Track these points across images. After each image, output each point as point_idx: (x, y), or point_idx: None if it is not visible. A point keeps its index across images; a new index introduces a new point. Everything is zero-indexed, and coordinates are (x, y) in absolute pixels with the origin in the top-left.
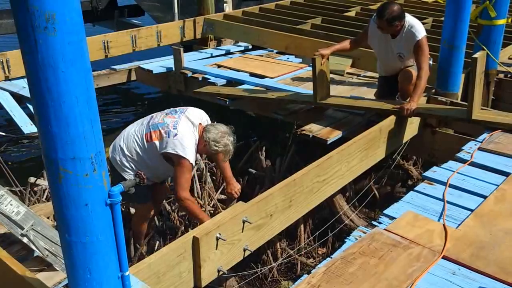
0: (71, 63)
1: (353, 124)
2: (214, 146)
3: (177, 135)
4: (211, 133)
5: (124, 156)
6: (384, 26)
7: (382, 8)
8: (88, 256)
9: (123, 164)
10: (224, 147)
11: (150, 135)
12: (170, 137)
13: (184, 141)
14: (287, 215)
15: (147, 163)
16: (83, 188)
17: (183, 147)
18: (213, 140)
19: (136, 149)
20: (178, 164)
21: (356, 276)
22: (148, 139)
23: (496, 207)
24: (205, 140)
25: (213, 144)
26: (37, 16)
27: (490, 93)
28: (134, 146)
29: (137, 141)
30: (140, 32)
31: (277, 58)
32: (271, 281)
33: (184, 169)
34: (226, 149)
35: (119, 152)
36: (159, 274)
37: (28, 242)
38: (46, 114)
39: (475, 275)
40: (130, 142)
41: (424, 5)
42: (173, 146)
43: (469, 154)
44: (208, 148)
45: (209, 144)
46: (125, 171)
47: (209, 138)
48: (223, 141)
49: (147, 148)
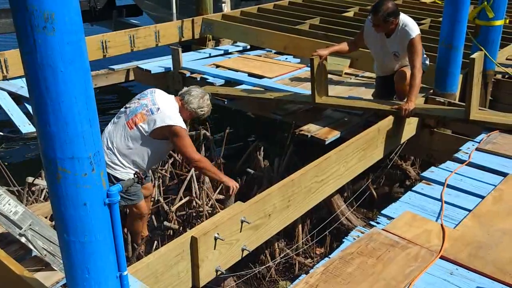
0: (70, 63)
1: (351, 124)
2: (200, 112)
3: (160, 109)
4: (193, 103)
5: (114, 155)
6: (379, 23)
7: (377, 4)
8: (86, 256)
9: (115, 163)
10: (208, 107)
11: (132, 121)
12: (154, 113)
13: (168, 111)
14: (285, 215)
15: (138, 152)
16: (82, 187)
17: (170, 117)
18: (199, 108)
19: (124, 143)
20: (173, 133)
21: (354, 276)
22: (131, 126)
23: (494, 207)
24: (190, 111)
25: (199, 110)
26: (36, 15)
27: (488, 94)
28: (120, 140)
29: (121, 134)
30: (139, 32)
31: (276, 58)
32: (269, 281)
33: (181, 135)
34: (209, 108)
35: (106, 154)
36: (157, 274)
37: (26, 242)
38: (44, 114)
39: (473, 275)
40: (115, 139)
41: (422, 6)
42: (161, 119)
43: (467, 154)
44: (194, 115)
45: (195, 112)
46: (117, 170)
47: (194, 108)
48: (206, 103)
49: (133, 136)
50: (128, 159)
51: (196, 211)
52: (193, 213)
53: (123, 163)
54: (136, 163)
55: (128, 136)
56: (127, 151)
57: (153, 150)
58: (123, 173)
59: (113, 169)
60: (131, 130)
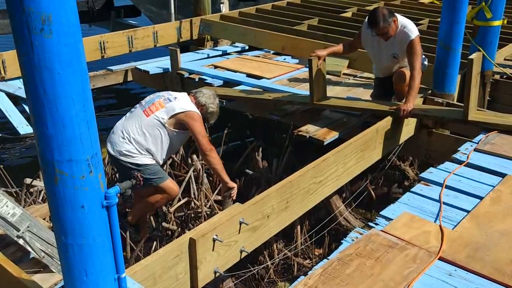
0: (67, 65)
1: (349, 125)
2: (210, 108)
3: (177, 98)
4: (205, 97)
5: (130, 143)
6: (385, 30)
7: (372, 16)
8: (84, 258)
9: (131, 152)
10: (217, 107)
11: (149, 109)
12: (172, 101)
13: (186, 100)
14: (283, 216)
15: (153, 140)
16: (80, 190)
17: (188, 104)
18: (210, 103)
19: (140, 130)
20: (191, 119)
21: (353, 277)
22: (148, 114)
23: (492, 208)
24: (202, 104)
25: (210, 106)
26: (33, 17)
27: (486, 94)
28: (136, 128)
29: (137, 122)
30: (137, 32)
31: (274, 59)
32: (268, 282)
33: (198, 121)
34: (217, 108)
35: (122, 143)
36: (155, 275)
37: (24, 244)
38: (42, 116)
39: (472, 276)
40: (130, 128)
41: (420, 6)
42: (179, 107)
43: (465, 155)
44: (205, 110)
45: (206, 106)
46: (135, 157)
47: (206, 102)
48: (216, 102)
49: (149, 124)
50: (142, 147)
51: (195, 212)
52: (191, 214)
53: (140, 151)
54: (150, 152)
55: (144, 123)
56: (142, 138)
57: (168, 139)
58: (142, 158)
59: (131, 157)
60: (148, 117)
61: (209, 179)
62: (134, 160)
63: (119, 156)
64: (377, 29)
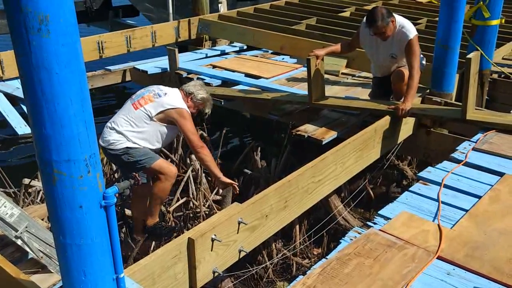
0: (65, 65)
1: (348, 124)
2: (199, 95)
3: (167, 94)
4: (190, 86)
5: (116, 133)
6: (383, 30)
7: (370, 15)
8: (82, 258)
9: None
10: (207, 94)
11: (138, 102)
12: (162, 97)
13: (176, 96)
14: (282, 216)
15: (139, 134)
16: (78, 190)
17: (177, 101)
18: (197, 90)
19: (125, 122)
20: (180, 116)
21: (352, 276)
22: (136, 107)
23: (491, 207)
24: (190, 93)
25: (198, 93)
26: (31, 17)
27: (484, 93)
28: (123, 120)
29: (125, 115)
30: (135, 32)
31: (272, 59)
32: (267, 282)
33: (187, 119)
34: (208, 97)
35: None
36: (154, 275)
37: (22, 244)
38: (40, 116)
39: (470, 275)
40: (117, 119)
41: (418, 6)
42: (168, 103)
43: (464, 154)
44: (194, 99)
45: (193, 94)
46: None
47: (193, 90)
48: (204, 90)
49: (137, 117)
50: (129, 136)
51: (193, 212)
52: (190, 214)
53: (127, 139)
54: (137, 143)
55: (132, 116)
56: (129, 129)
57: (156, 133)
58: (130, 143)
59: (120, 143)
60: (136, 110)
61: (208, 179)
62: (122, 145)
63: (108, 146)
64: (375, 28)
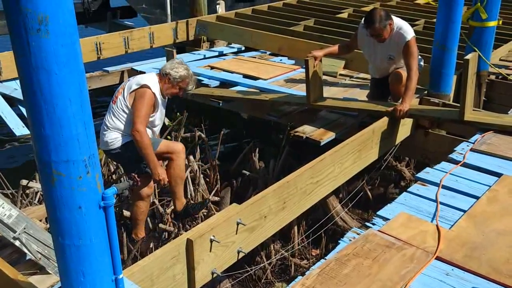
0: (65, 65)
1: (346, 125)
2: (177, 74)
3: (135, 77)
4: (166, 67)
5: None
6: (380, 32)
7: (368, 17)
8: (81, 259)
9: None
10: (186, 70)
11: (115, 97)
12: (130, 80)
13: (144, 78)
14: (281, 216)
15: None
16: (77, 190)
17: (143, 79)
18: (173, 68)
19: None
20: (139, 95)
21: (350, 277)
22: (114, 101)
23: (489, 208)
24: (165, 74)
25: (173, 71)
26: (30, 18)
27: (482, 94)
28: (110, 117)
29: (110, 112)
30: (133, 33)
31: (270, 60)
32: (265, 283)
33: (144, 98)
34: (188, 73)
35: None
36: (152, 276)
37: (20, 245)
38: (39, 117)
39: (469, 276)
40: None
41: (416, 7)
42: (136, 82)
43: (462, 155)
44: (172, 79)
45: (169, 74)
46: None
47: (168, 70)
48: (183, 66)
49: (116, 109)
50: (121, 130)
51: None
52: None
53: (122, 133)
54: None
55: (114, 110)
56: (117, 123)
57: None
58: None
59: (117, 141)
60: (114, 104)
61: (206, 180)
62: (120, 143)
63: (108, 147)
64: (372, 30)
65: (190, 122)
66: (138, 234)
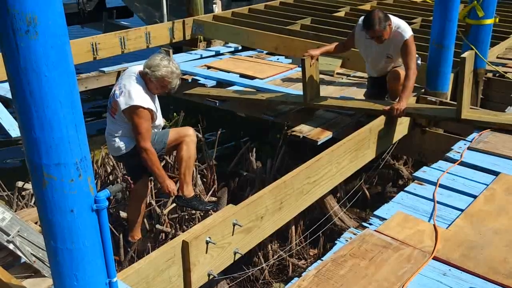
0: (54, 67)
1: (343, 124)
2: (158, 73)
3: (123, 92)
4: (147, 64)
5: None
6: (380, 34)
7: (367, 20)
8: (74, 263)
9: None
10: (167, 67)
11: (111, 111)
12: (118, 98)
13: (131, 92)
14: (277, 217)
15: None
16: (68, 194)
17: (131, 98)
18: (152, 68)
19: (117, 127)
20: (134, 114)
21: (347, 278)
22: (112, 115)
23: (486, 207)
24: (144, 73)
25: (153, 73)
26: (18, 19)
27: (479, 93)
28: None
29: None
30: (129, 33)
31: (267, 59)
32: (263, 283)
33: (140, 117)
34: (167, 70)
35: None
36: (148, 279)
37: (14, 249)
38: (29, 119)
39: (466, 276)
40: (111, 128)
41: (413, 5)
42: (124, 102)
43: (459, 153)
44: (154, 80)
45: (151, 75)
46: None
47: (147, 70)
48: (162, 64)
49: (116, 122)
50: (129, 137)
51: (189, 213)
52: (185, 216)
53: (131, 139)
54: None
55: (116, 122)
56: (123, 132)
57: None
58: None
59: (126, 147)
60: (113, 118)
61: (203, 180)
62: (130, 146)
63: (119, 153)
64: (372, 32)
65: (187, 122)
66: (135, 236)
